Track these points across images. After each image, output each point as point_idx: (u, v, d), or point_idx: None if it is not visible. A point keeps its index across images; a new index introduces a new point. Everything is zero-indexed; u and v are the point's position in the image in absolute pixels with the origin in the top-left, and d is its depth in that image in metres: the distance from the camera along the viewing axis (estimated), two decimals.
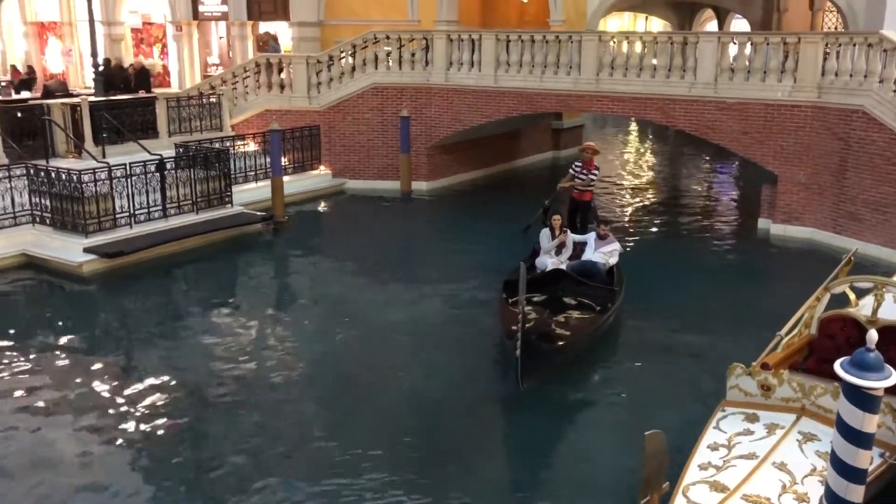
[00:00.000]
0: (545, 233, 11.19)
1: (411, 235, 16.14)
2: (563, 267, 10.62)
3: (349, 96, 18.51)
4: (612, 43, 16.64)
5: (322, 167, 18.63)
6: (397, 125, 18.14)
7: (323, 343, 10.21)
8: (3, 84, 24.48)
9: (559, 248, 11.03)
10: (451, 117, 18.13)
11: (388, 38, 18.58)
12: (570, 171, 12.66)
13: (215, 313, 11.27)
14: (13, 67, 29.26)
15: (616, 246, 11.26)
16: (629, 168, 23.84)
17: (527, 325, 8.04)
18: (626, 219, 16.86)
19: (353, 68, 18.69)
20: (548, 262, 10.81)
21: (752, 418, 6.65)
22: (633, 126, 32.50)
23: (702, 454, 6.16)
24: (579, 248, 11.23)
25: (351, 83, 18.60)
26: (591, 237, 11.32)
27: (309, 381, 9.16)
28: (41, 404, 8.36)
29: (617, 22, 32.82)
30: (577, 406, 8.53)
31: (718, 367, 7.66)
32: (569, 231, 11.35)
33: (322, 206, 17.64)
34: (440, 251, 14.65)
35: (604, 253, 11.00)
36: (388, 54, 18.47)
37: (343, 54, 18.92)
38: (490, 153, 20.52)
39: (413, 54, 18.35)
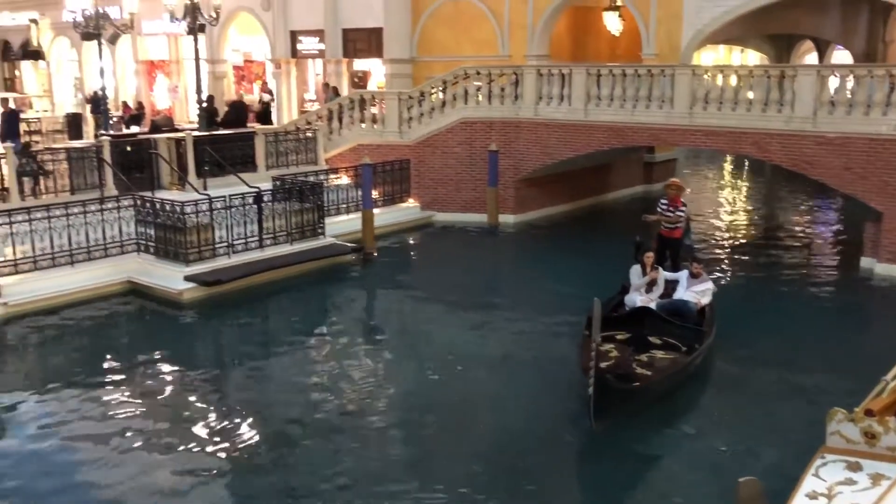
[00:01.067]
0: (635, 269, 11.01)
1: (498, 268, 16.17)
2: (653, 305, 10.41)
3: (439, 131, 18.81)
4: (706, 76, 16.38)
5: (411, 200, 18.93)
6: (485, 158, 18.29)
7: (407, 374, 10.33)
8: (114, 119, 25.92)
9: (650, 286, 10.82)
10: (540, 151, 18.16)
11: (478, 73, 18.84)
12: (658, 208, 12.44)
13: (306, 342, 11.56)
14: (124, 104, 31.03)
15: (709, 285, 10.98)
16: (724, 204, 23.26)
17: (606, 364, 7.93)
18: (721, 256, 16.40)
19: (444, 103, 19.01)
20: (637, 299, 10.62)
21: (855, 467, 6.32)
22: (729, 161, 31.71)
23: (800, 503, 5.89)
24: (671, 286, 11.00)
25: (441, 118, 18.91)
26: (683, 275, 11.07)
27: (393, 412, 9.27)
28: (140, 428, 8.72)
29: (712, 55, 32.29)
30: (662, 449, 8.27)
31: (817, 412, 7.31)
32: (660, 268, 11.13)
33: (410, 239, 17.89)
34: (527, 285, 14.61)
35: (696, 292, 10.73)
36: (478, 89, 18.71)
37: (434, 90, 19.28)
38: (579, 186, 20.40)
39: (503, 89, 18.53)
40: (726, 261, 16.02)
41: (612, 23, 22.76)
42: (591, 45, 24.57)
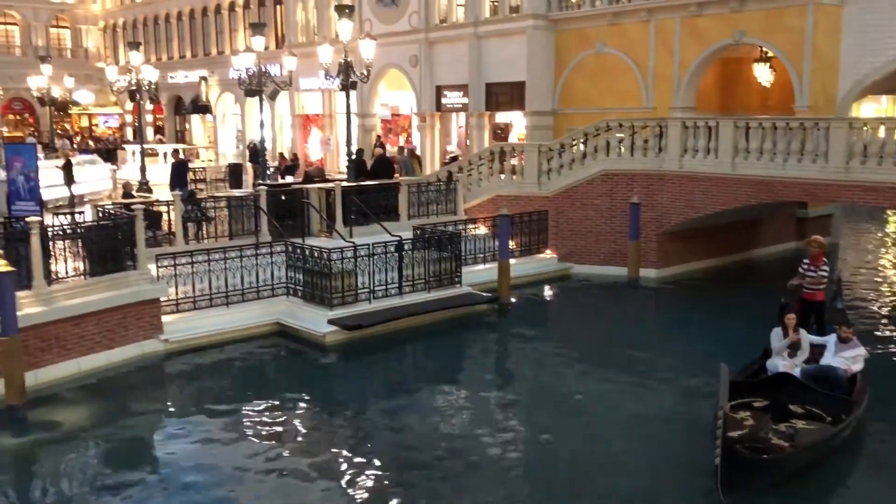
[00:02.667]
0: (776, 332, 10.38)
1: (637, 324, 15.77)
2: (797, 370, 9.79)
3: (579, 182, 18.76)
4: (865, 129, 15.49)
5: (548, 251, 18.89)
6: (626, 211, 18.02)
7: (535, 427, 10.24)
8: (271, 170, 27.57)
9: (793, 350, 10.19)
10: (684, 204, 17.69)
11: (620, 125, 18.71)
12: (800, 268, 11.71)
13: (440, 389, 11.72)
14: (281, 155, 33.01)
15: (861, 351, 10.19)
16: (883, 264, 21.68)
17: (738, 432, 7.51)
18: (877, 321, 15.24)
19: (584, 155, 18.97)
20: (779, 364, 10.02)
21: None
22: (892, 215, 29.59)
23: None
24: (817, 351, 10.32)
25: (581, 170, 18.86)
26: (831, 340, 10.36)
27: (517, 465, 9.24)
28: (278, 461, 9.14)
29: (872, 106, 30.46)
30: None
31: None
32: (803, 331, 10.46)
33: (547, 290, 17.81)
34: (665, 343, 14.17)
35: (846, 358, 9.99)
36: (621, 141, 18.56)
37: (575, 142, 19.29)
38: (725, 241, 19.65)
39: (646, 141, 18.29)
40: (883, 326, 14.86)
41: (763, 74, 22.07)
42: (739, 96, 23.88)
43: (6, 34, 48.55)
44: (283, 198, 18.20)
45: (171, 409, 11.23)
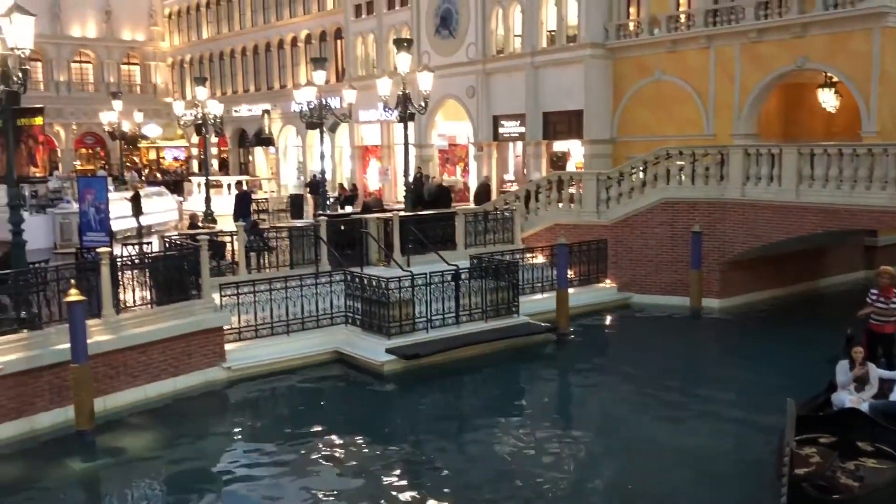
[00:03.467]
0: (842, 365, 9.98)
1: (699, 356, 15.43)
2: (865, 406, 9.39)
3: (638, 211, 18.56)
4: None
5: (608, 280, 18.69)
6: (687, 240, 17.72)
7: (594, 461, 10.09)
8: (331, 200, 28.02)
9: (861, 384, 9.78)
10: (747, 233, 17.32)
11: (681, 153, 18.50)
12: (867, 299, 11.27)
13: (497, 421, 11.62)
14: (340, 185, 33.55)
15: None
16: None
17: (804, 470, 7.20)
18: None
19: (644, 183, 18.78)
20: (846, 398, 9.61)
21: None
22: None
23: None
24: (887, 385, 9.89)
25: (640, 198, 18.67)
26: None
27: (576, 500, 9.05)
28: (335, 488, 9.23)
29: None
30: None
31: None
32: (871, 364, 10.04)
33: (606, 320, 17.59)
34: (730, 375, 13.79)
35: None
36: (681, 169, 18.33)
37: (634, 170, 19.13)
38: (790, 270, 19.14)
39: (707, 169, 18.02)
40: None
41: (828, 100, 21.60)
42: (803, 122, 23.40)
43: (81, 72, 50.69)
44: (342, 227, 18.47)
45: (235, 437, 11.42)
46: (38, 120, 11.70)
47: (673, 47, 23.45)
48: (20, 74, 11.17)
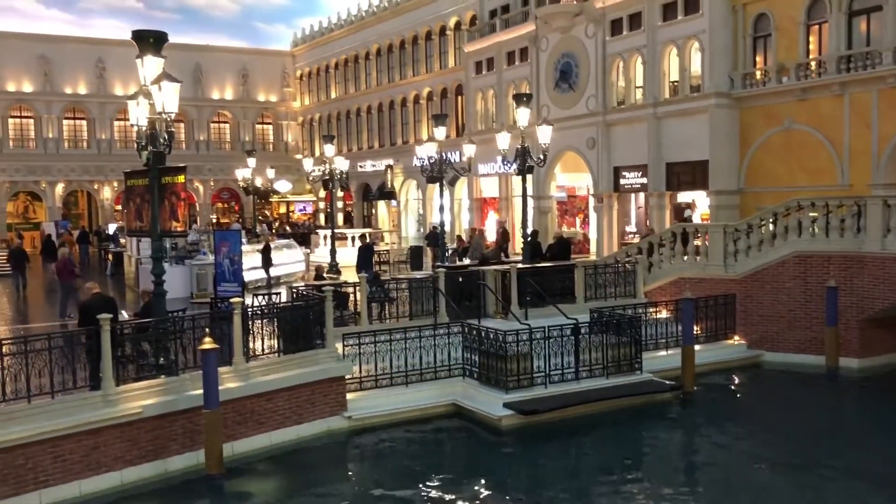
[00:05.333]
0: None
1: (836, 421, 14.41)
2: None
3: (768, 264, 17.74)
4: None
5: (736, 337, 17.87)
6: (822, 295, 16.75)
7: None
8: (449, 252, 28.35)
9: None
10: (889, 288, 16.18)
11: (813, 204, 17.64)
12: None
13: (618, 486, 11.18)
14: (459, 237, 33.93)
15: None
16: None
17: None
18: None
19: (774, 235, 17.99)
20: None
21: None
22: None
23: None
24: None
25: (771, 251, 17.86)
26: None
27: None
28: None
29: None
30: None
31: None
32: None
33: (735, 379, 16.76)
34: (869, 443, 12.77)
35: None
36: (814, 221, 17.45)
37: (763, 222, 18.37)
38: None
39: (842, 221, 17.07)
40: None
41: None
42: None
43: (219, 131, 54.21)
44: (460, 279, 18.59)
45: (355, 487, 11.49)
46: (181, 178, 12.46)
47: (803, 95, 22.61)
48: (166, 136, 12.04)
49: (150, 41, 11.96)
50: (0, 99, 47.23)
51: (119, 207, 47.52)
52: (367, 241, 26.96)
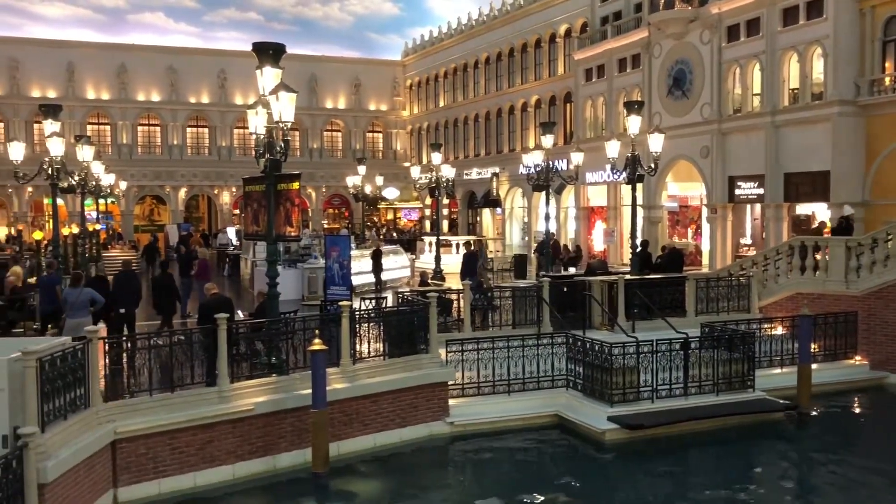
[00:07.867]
0: None
1: None
2: None
3: (894, 281, 16.71)
4: None
5: (858, 357, 16.90)
6: None
7: None
8: (555, 261, 28.12)
9: None
10: None
11: None
12: None
13: None
14: (564, 246, 33.60)
15: None
16: None
17: None
18: None
19: None
20: None
21: None
22: None
23: None
24: None
25: None
26: None
27: None
28: None
29: None
30: None
31: None
32: None
33: (855, 401, 15.87)
34: None
35: None
36: None
37: (890, 236, 17.33)
38: None
39: None
40: None
41: None
42: None
43: (332, 139, 55.84)
44: (564, 289, 18.39)
45: (455, 493, 11.56)
46: (296, 185, 12.92)
47: None
48: (282, 145, 12.52)
49: (269, 53, 12.48)
50: (131, 108, 50.30)
51: (237, 211, 49.67)
52: (472, 248, 27.05)
